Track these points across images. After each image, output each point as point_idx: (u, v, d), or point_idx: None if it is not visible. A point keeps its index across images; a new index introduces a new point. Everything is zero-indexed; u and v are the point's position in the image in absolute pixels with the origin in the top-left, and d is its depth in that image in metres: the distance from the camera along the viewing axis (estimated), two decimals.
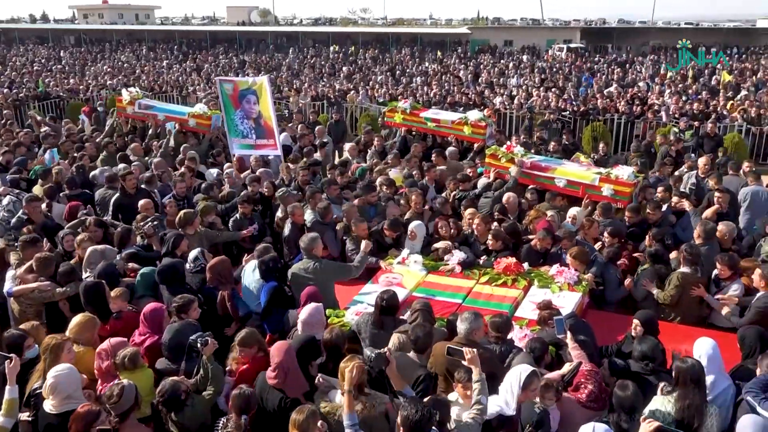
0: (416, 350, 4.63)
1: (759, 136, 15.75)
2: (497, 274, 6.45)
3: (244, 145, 10.39)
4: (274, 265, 5.95)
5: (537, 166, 8.79)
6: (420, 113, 12.12)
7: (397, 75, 30.93)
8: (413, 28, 64.19)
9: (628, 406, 3.93)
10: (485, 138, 10.97)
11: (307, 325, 4.95)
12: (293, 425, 3.72)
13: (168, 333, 4.93)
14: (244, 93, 9.98)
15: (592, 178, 8.32)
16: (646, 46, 46.28)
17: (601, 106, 18.43)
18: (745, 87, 24.87)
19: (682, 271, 6.18)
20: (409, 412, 3.50)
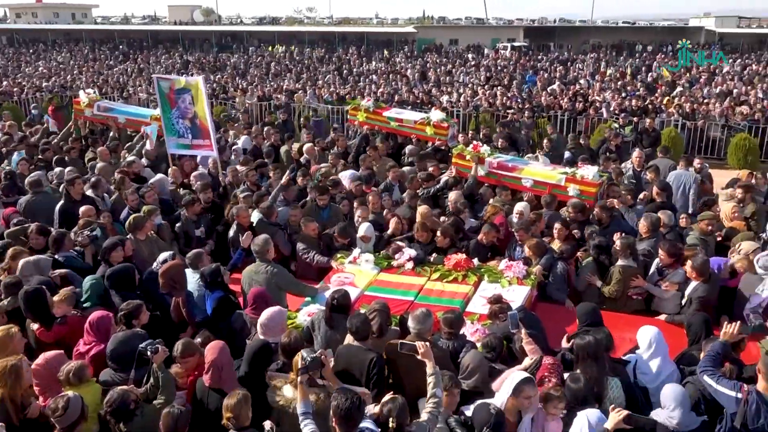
0: (358, 339, 4.65)
1: (693, 131, 16.41)
2: (448, 270, 6.52)
3: (180, 145, 10.13)
4: (214, 278, 5.80)
5: (503, 166, 8.85)
6: (383, 112, 12.10)
7: (344, 74, 30.86)
8: (360, 27, 64.13)
9: (581, 397, 4.03)
10: (447, 138, 10.99)
11: (266, 328, 4.88)
12: (226, 410, 3.81)
13: (112, 343, 4.73)
14: (179, 92, 9.76)
15: (558, 179, 8.40)
16: (586, 45, 47.57)
17: (545, 103, 18.86)
18: (680, 84, 25.88)
19: (621, 264, 6.36)
20: (339, 402, 3.54)
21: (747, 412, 3.99)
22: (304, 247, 7.08)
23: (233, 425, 3.83)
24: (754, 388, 4.06)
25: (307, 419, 3.82)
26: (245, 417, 3.87)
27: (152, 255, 6.67)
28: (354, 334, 4.67)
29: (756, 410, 3.98)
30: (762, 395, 4.00)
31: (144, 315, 5.13)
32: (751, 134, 15.73)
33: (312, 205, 8.15)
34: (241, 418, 3.85)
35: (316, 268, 7.04)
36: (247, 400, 3.89)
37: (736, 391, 4.08)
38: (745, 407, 4.01)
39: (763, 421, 3.96)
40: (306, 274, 6.94)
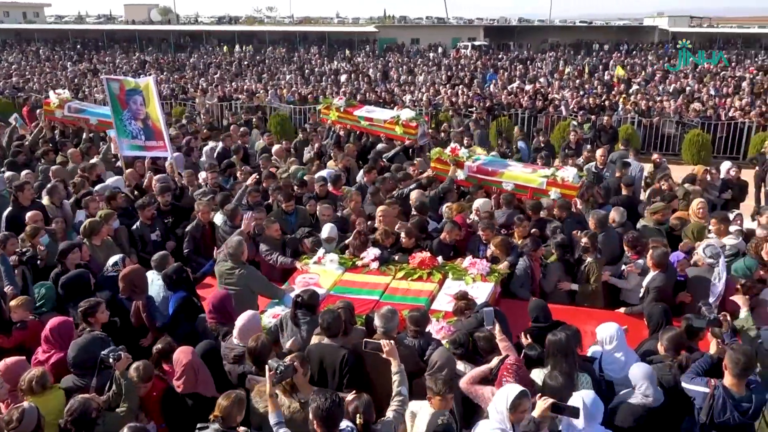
0: (329, 336, 4.63)
1: (649, 128, 16.83)
2: (413, 268, 6.53)
3: (133, 146, 9.88)
4: (179, 276, 5.73)
5: (483, 170, 8.73)
6: (353, 111, 12.02)
7: (306, 74, 30.71)
8: (321, 26, 63.89)
9: (559, 396, 4.02)
10: (417, 138, 10.95)
11: (243, 332, 4.83)
12: (218, 409, 3.77)
13: (73, 349, 4.60)
14: (130, 93, 9.52)
15: (540, 182, 8.34)
16: (545, 44, 48.34)
17: (505, 101, 19.10)
18: (635, 82, 26.52)
19: (593, 261, 6.47)
20: (318, 403, 3.52)
21: (713, 407, 4.06)
22: (267, 248, 7.02)
23: (220, 424, 3.77)
24: (720, 383, 4.12)
25: (281, 428, 3.79)
26: (234, 419, 3.82)
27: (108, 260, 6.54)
28: (325, 330, 4.64)
29: (722, 405, 4.04)
30: (728, 390, 4.07)
31: (103, 314, 5.03)
32: (703, 130, 16.21)
33: (278, 210, 8.07)
34: (231, 417, 3.80)
35: (280, 269, 6.99)
36: (241, 404, 3.85)
37: (704, 386, 4.16)
38: (711, 402, 4.08)
39: (729, 416, 4.02)
40: (270, 276, 6.87)
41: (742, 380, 4.09)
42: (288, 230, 7.64)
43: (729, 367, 4.10)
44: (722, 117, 17.09)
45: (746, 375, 4.09)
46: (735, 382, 4.09)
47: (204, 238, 7.53)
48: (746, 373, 4.08)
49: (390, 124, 11.22)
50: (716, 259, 5.99)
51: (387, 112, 12.21)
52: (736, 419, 4.03)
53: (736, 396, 4.06)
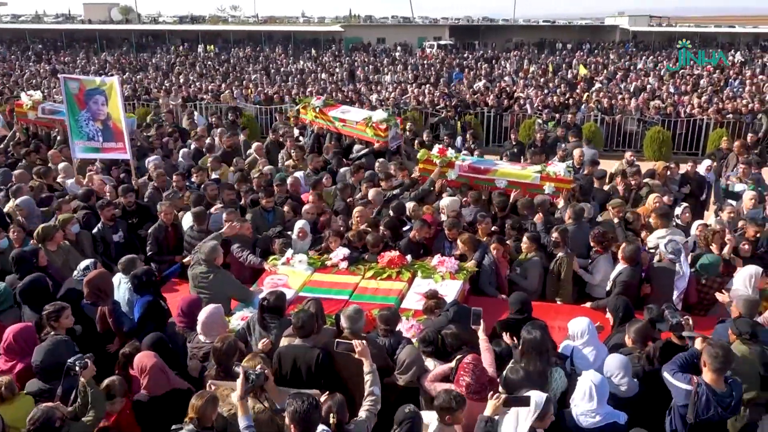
0: (302, 336, 4.61)
1: (611, 125, 17.15)
2: (382, 268, 6.54)
3: (88, 148, 9.61)
4: (148, 279, 5.65)
5: (475, 169, 8.70)
6: (329, 111, 11.93)
7: (271, 74, 30.47)
8: (286, 26, 63.47)
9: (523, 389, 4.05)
10: (387, 140, 10.80)
11: (207, 327, 4.78)
12: (192, 410, 3.77)
13: (38, 354, 4.49)
14: (91, 93, 9.29)
15: (533, 177, 8.35)
16: (509, 43, 48.88)
17: (470, 100, 19.24)
18: (598, 80, 27.00)
19: (562, 256, 6.56)
20: (295, 406, 3.49)
21: (698, 404, 4.09)
22: (239, 246, 6.96)
23: (195, 425, 3.76)
24: (703, 380, 4.14)
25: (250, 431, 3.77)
26: (209, 418, 3.84)
27: (66, 265, 6.42)
28: (299, 330, 4.61)
29: (706, 402, 4.07)
30: (710, 387, 4.10)
31: (67, 318, 4.94)
32: (664, 127, 16.58)
33: (257, 207, 8.00)
34: (206, 417, 3.81)
35: (250, 270, 6.93)
36: (215, 403, 3.87)
37: (687, 383, 4.19)
38: (696, 399, 4.10)
39: (713, 412, 4.06)
40: (240, 275, 6.79)
41: (721, 375, 4.11)
42: (265, 228, 7.61)
43: (708, 362, 4.10)
44: (681, 114, 17.51)
45: (725, 369, 4.11)
46: (715, 377, 4.11)
47: (167, 239, 7.43)
48: (725, 367, 4.10)
49: (360, 125, 11.15)
50: (677, 255, 6.12)
51: (362, 112, 12.08)
52: (719, 415, 4.08)
53: (718, 392, 4.10)
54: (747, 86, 24.67)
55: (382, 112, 11.62)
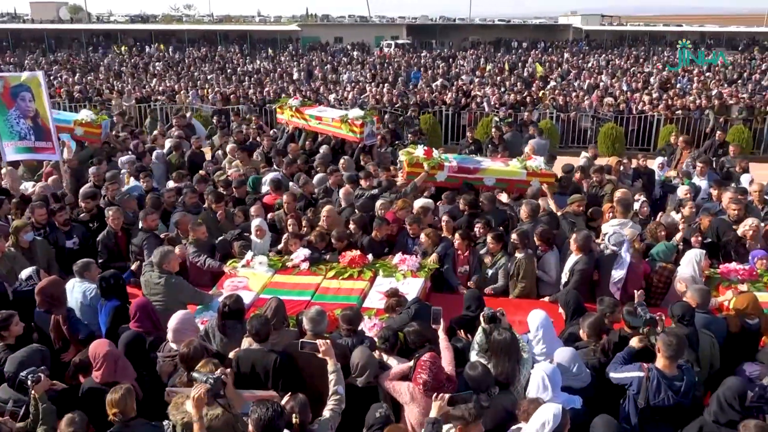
0: (258, 341, 4.57)
1: (566, 122, 17.50)
2: (343, 267, 6.53)
3: (21, 149, 9.17)
4: (116, 282, 5.54)
5: (465, 169, 8.71)
6: (305, 110, 11.79)
7: (228, 74, 30.06)
8: (242, 25, 62.70)
9: (484, 384, 4.13)
10: (363, 137, 10.70)
11: (177, 333, 4.69)
12: (110, 405, 3.80)
13: (11, 364, 4.37)
14: (16, 90, 8.85)
15: (520, 173, 8.52)
16: (466, 42, 49.42)
17: (428, 99, 19.36)
18: (552, 78, 27.51)
19: (522, 257, 6.60)
20: (259, 413, 3.45)
21: (649, 389, 4.24)
22: (195, 250, 6.85)
23: (120, 420, 3.78)
24: (654, 366, 4.31)
25: None
26: (131, 409, 3.86)
27: (12, 273, 6.21)
28: (254, 336, 4.57)
29: (657, 386, 4.24)
30: (661, 372, 4.27)
31: (17, 326, 4.82)
32: (617, 123, 17.02)
33: (208, 212, 7.87)
34: (127, 410, 3.83)
35: (209, 274, 6.82)
36: (130, 393, 3.89)
37: (638, 370, 4.35)
38: (648, 384, 4.26)
39: (664, 395, 4.22)
40: (199, 280, 6.69)
41: (674, 362, 4.29)
42: (219, 234, 7.48)
43: (662, 349, 4.28)
44: (633, 111, 17.98)
45: (678, 357, 4.28)
46: (667, 363, 4.28)
47: (118, 245, 7.24)
48: (678, 354, 4.27)
49: (336, 122, 11.03)
50: (619, 247, 6.29)
51: (337, 111, 12.02)
52: (671, 399, 4.22)
53: (669, 376, 4.26)
54: (695, 83, 25.50)
55: (359, 110, 11.50)
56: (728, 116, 17.31)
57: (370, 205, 7.96)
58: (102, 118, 11.59)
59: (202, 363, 4.06)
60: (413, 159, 8.72)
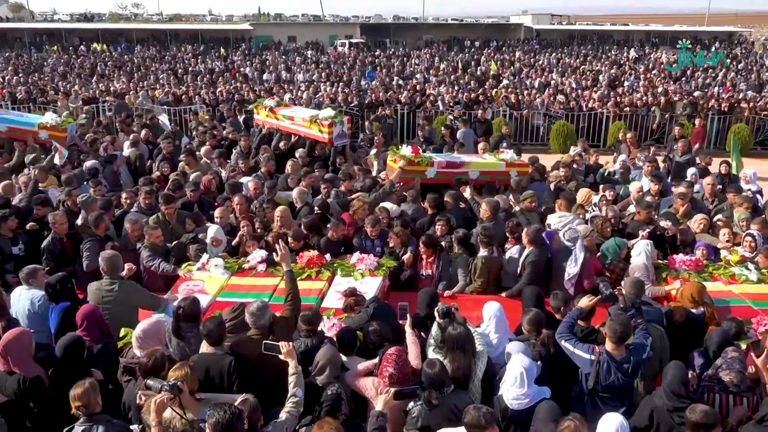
0: (212, 344, 4.50)
1: (519, 120, 17.79)
2: (301, 268, 6.49)
3: None
4: (63, 286, 5.36)
5: (453, 164, 8.90)
6: (279, 110, 11.60)
7: (179, 74, 29.49)
8: (193, 24, 61.58)
9: (438, 382, 4.18)
10: (333, 137, 10.51)
11: (142, 341, 4.56)
12: (74, 399, 3.78)
13: None
14: None
15: (499, 165, 8.91)
16: (420, 41, 49.66)
17: (384, 98, 19.40)
18: (505, 76, 27.92)
19: (482, 256, 6.69)
20: (217, 417, 3.39)
21: (599, 371, 4.45)
22: (149, 254, 6.70)
23: (83, 413, 3.73)
24: (604, 349, 4.52)
25: None
26: (95, 404, 3.83)
27: None
28: (208, 339, 4.50)
29: (607, 368, 4.44)
30: (610, 354, 4.48)
31: None
32: (568, 121, 17.41)
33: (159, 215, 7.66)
34: (91, 405, 3.80)
35: (163, 278, 6.68)
36: (95, 388, 3.86)
37: (590, 353, 4.54)
38: (598, 367, 4.46)
39: (614, 377, 4.42)
40: (154, 285, 6.54)
41: (621, 345, 4.49)
42: (171, 237, 7.33)
43: (609, 335, 4.49)
44: (583, 108, 18.42)
45: (624, 341, 4.49)
46: (615, 346, 4.49)
47: (64, 251, 6.99)
48: (623, 339, 4.48)
49: (306, 122, 10.85)
50: (573, 243, 6.45)
51: (309, 111, 11.78)
52: (620, 380, 4.42)
53: (617, 358, 4.46)
54: (641, 81, 26.28)
55: (331, 110, 11.31)
56: (673, 113, 17.91)
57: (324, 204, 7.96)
58: (67, 121, 11.28)
59: (175, 367, 3.98)
60: (402, 157, 8.73)
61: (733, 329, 5.03)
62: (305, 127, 10.92)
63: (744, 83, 26.26)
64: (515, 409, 4.16)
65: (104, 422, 3.85)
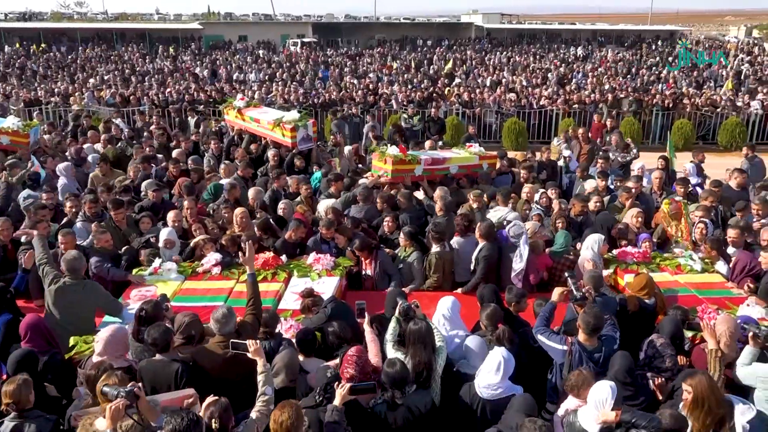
0: (159, 351, 4.42)
1: (472, 118, 18.00)
2: (256, 270, 6.39)
3: None
4: (2, 296, 5.18)
5: (436, 161, 9.11)
6: (246, 112, 11.30)
7: (126, 74, 28.76)
8: (140, 23, 60.11)
9: (399, 381, 4.19)
10: (296, 141, 10.23)
11: (110, 345, 4.43)
12: (5, 395, 3.76)
13: None
14: None
15: (474, 159, 9.44)
16: (372, 40, 49.69)
17: (337, 97, 19.35)
18: (457, 75, 28.20)
19: (436, 252, 6.76)
20: (174, 424, 3.31)
21: (572, 361, 4.56)
22: (98, 259, 6.50)
23: (14, 410, 3.71)
24: (576, 340, 4.65)
25: None
26: (26, 400, 3.80)
27: None
28: (153, 347, 4.40)
29: (578, 358, 4.57)
30: (582, 344, 4.60)
31: None
32: (519, 118, 17.70)
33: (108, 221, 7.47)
34: (22, 401, 3.78)
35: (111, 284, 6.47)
36: (27, 384, 3.83)
37: (562, 344, 4.66)
38: (570, 357, 4.58)
39: (585, 367, 4.50)
40: None
41: (593, 336, 4.63)
42: (121, 242, 7.14)
43: (582, 327, 4.62)
44: (534, 105, 18.76)
45: (596, 333, 4.62)
46: (587, 338, 4.63)
47: (7, 258, 6.72)
48: (596, 331, 4.61)
49: (270, 125, 10.58)
50: (518, 238, 6.58)
51: (276, 113, 11.39)
52: (591, 369, 4.48)
53: (589, 349, 4.59)
54: (589, 78, 26.94)
55: (295, 112, 11.00)
56: (620, 109, 18.42)
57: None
58: (31, 125, 10.90)
59: (105, 375, 3.86)
60: (391, 156, 8.77)
61: (679, 316, 5.22)
62: (269, 130, 10.69)
63: (685, 80, 27.22)
64: (484, 397, 4.22)
65: (35, 418, 3.80)
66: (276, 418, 3.62)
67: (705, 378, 3.91)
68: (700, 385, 3.84)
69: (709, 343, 4.62)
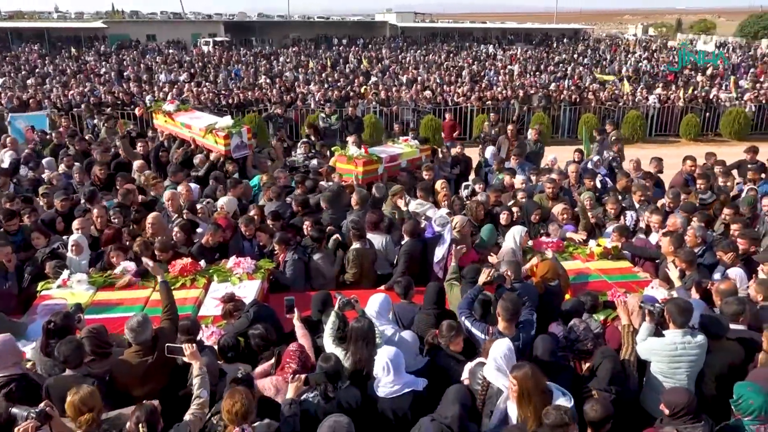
0: (71, 367, 4.20)
1: (390, 116, 18.17)
2: (174, 277, 6.20)
3: None
4: None
5: (393, 158, 9.61)
6: (178, 116, 10.66)
7: (23, 76, 27.09)
8: (38, 22, 56.80)
9: (332, 374, 4.17)
10: (230, 149, 9.68)
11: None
12: None
13: None
14: None
15: (416, 152, 10.00)
16: (287, 39, 49.20)
17: (252, 97, 19.02)
18: (373, 73, 28.38)
19: (355, 248, 6.78)
20: None
21: None
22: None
23: None
24: (496, 329, 4.77)
25: None
26: None
27: None
28: (65, 364, 4.18)
29: None
30: (502, 333, 4.73)
31: None
32: (436, 115, 18.02)
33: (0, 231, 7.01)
34: None
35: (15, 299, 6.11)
36: None
37: (484, 333, 4.78)
38: None
39: None
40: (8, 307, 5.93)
41: (512, 323, 4.77)
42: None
43: (501, 314, 4.75)
44: (449, 103, 19.15)
45: (515, 319, 4.77)
46: (506, 325, 4.76)
47: None
48: (514, 318, 4.76)
49: (203, 132, 9.98)
50: (443, 228, 6.77)
51: (209, 118, 10.70)
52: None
53: (508, 337, 4.67)
54: (501, 76, 27.78)
55: (229, 119, 10.45)
56: (530, 105, 19.12)
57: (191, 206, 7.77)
58: None
59: None
60: (361, 157, 9.02)
61: (589, 303, 5.49)
62: (201, 137, 10.13)
63: (589, 77, 28.58)
64: (382, 396, 4.21)
65: None
66: (228, 408, 3.59)
67: (529, 370, 3.98)
68: (525, 378, 3.95)
69: (623, 319, 4.91)
